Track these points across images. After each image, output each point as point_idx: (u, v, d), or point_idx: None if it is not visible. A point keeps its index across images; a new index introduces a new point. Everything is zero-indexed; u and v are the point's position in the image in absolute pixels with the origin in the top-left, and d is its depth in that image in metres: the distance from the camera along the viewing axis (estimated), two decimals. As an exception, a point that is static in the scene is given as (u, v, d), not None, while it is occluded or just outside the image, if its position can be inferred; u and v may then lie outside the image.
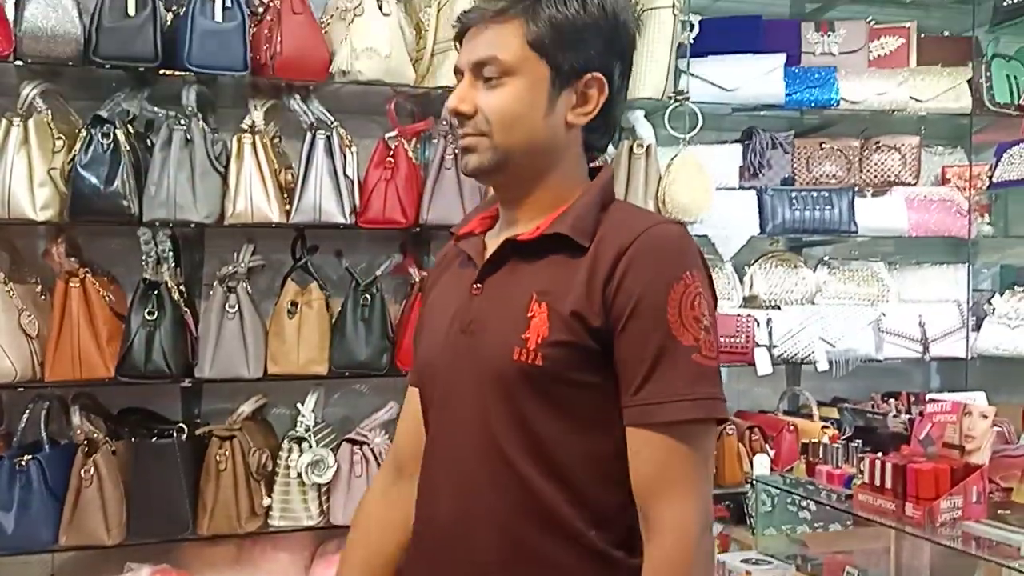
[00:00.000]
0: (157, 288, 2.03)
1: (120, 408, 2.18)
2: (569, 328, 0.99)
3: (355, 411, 2.40)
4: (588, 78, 1.05)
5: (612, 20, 1.06)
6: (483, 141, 1.05)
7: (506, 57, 1.03)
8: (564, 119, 1.06)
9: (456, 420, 1.05)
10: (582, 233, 1.02)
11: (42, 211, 1.94)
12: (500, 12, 1.03)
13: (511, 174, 1.07)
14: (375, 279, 2.20)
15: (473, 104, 1.04)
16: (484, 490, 1.02)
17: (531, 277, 1.03)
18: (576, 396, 1.00)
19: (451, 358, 1.06)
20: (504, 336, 1.01)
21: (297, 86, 2.13)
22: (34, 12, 1.91)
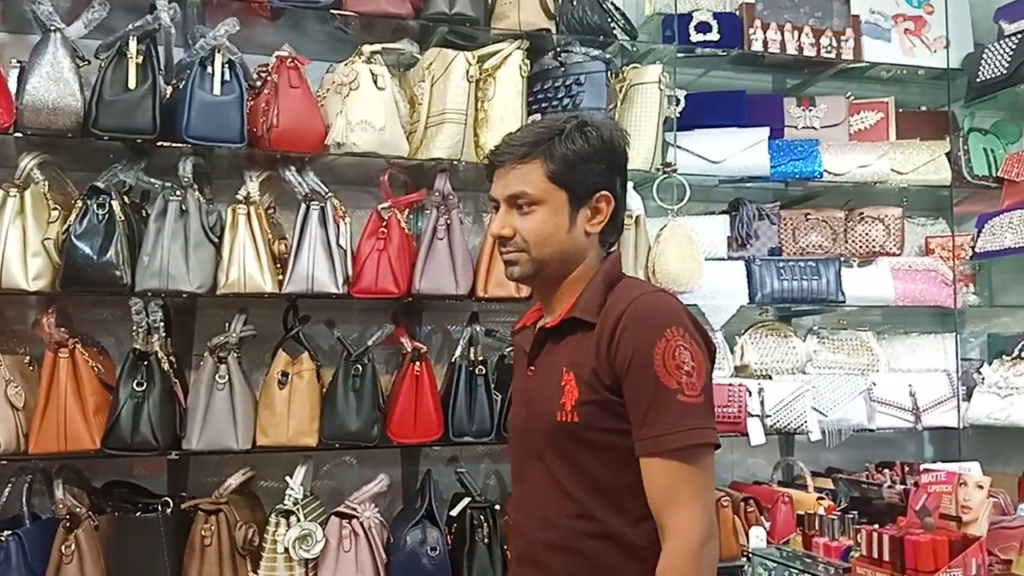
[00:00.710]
0: (147, 359, 2.03)
1: (105, 481, 2.15)
2: (592, 388, 1.29)
3: (345, 483, 2.38)
4: (598, 196, 1.36)
5: (608, 145, 1.37)
6: (523, 256, 1.36)
7: (533, 191, 1.34)
8: (583, 230, 1.37)
9: (529, 469, 1.38)
10: (589, 312, 1.33)
11: (34, 281, 1.95)
12: (524, 155, 1.34)
13: (546, 277, 1.39)
14: (367, 349, 2.21)
15: (512, 228, 1.36)
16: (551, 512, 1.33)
17: (561, 354, 1.35)
18: (609, 439, 1.29)
19: (520, 425, 1.42)
20: (549, 403, 1.33)
21: (292, 158, 2.18)
22: (36, 85, 1.95)
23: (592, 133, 1.35)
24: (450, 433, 2.24)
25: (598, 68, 2.40)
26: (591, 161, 1.34)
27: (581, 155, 1.33)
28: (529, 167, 1.34)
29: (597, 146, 1.35)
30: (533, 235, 1.34)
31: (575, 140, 1.34)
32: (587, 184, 1.34)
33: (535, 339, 1.40)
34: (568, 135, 1.34)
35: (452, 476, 2.36)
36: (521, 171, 1.34)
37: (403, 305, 2.33)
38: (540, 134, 1.35)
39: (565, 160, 1.33)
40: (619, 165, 1.40)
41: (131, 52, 2.02)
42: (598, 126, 1.37)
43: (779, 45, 2.67)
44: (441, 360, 2.50)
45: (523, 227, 1.34)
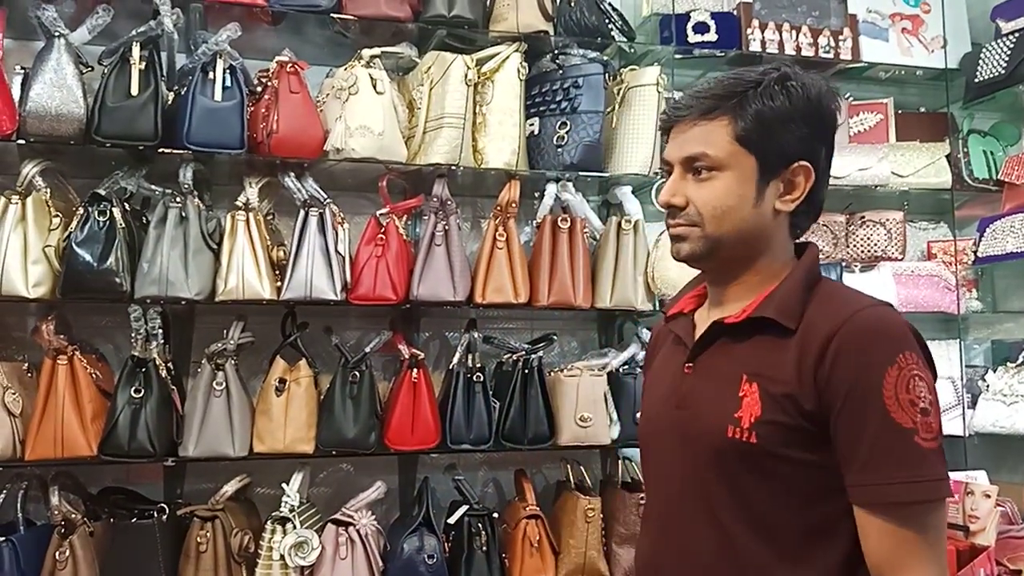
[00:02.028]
0: (145, 366, 2.06)
1: (101, 487, 2.18)
2: (782, 409, 1.07)
3: (342, 491, 2.41)
4: (795, 166, 1.14)
5: (816, 107, 1.14)
6: (694, 231, 1.15)
7: (716, 153, 1.12)
8: (772, 207, 1.15)
9: (673, 488, 1.16)
10: (788, 316, 1.11)
11: (34, 288, 1.98)
12: (708, 111, 1.13)
13: (721, 260, 1.16)
14: (364, 356, 2.24)
15: (684, 197, 1.15)
16: (703, 555, 1.12)
17: (740, 358, 1.13)
18: (792, 472, 1.08)
19: (667, 430, 1.19)
20: (717, 414, 1.11)
21: (292, 164, 2.22)
22: (39, 92, 1.98)
23: (796, 89, 1.12)
24: (448, 440, 2.27)
25: (596, 71, 2.43)
26: (791, 123, 1.12)
27: (780, 114, 1.11)
28: (714, 124, 1.12)
29: (801, 106, 1.12)
30: (710, 206, 1.13)
31: (774, 96, 1.11)
32: (783, 151, 1.12)
33: (705, 333, 1.17)
34: (766, 89, 1.12)
35: (450, 484, 2.39)
36: (703, 129, 1.13)
37: (401, 312, 2.36)
38: (731, 86, 1.13)
39: (759, 118, 1.11)
40: (826, 131, 1.16)
41: (134, 58, 2.06)
42: (804, 82, 1.13)
43: (777, 45, 2.70)
44: (439, 367, 2.53)
45: (698, 196, 1.13)
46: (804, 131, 1.13)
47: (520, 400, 2.33)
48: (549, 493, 2.56)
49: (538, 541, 2.27)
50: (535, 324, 2.63)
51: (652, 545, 1.22)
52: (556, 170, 2.41)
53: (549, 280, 2.37)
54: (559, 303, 2.37)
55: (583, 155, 2.39)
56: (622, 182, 2.52)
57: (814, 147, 1.15)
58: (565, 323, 2.66)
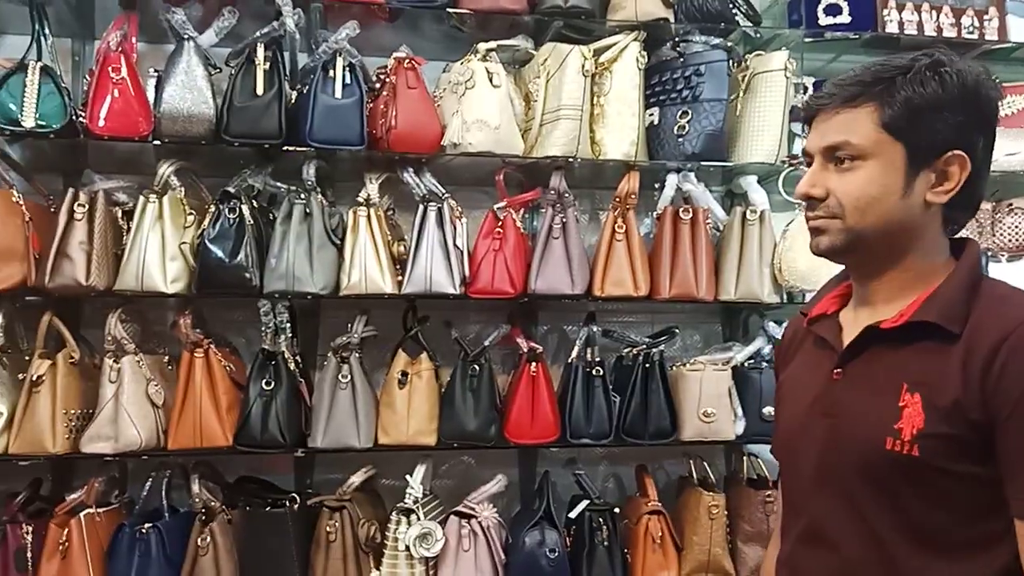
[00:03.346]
0: (274, 359, 2.10)
1: (236, 476, 2.24)
2: (947, 420, 1.00)
3: (463, 483, 2.40)
4: (948, 156, 1.06)
5: (973, 94, 1.07)
6: (835, 223, 1.08)
7: (859, 141, 1.06)
8: (923, 199, 1.07)
9: (821, 499, 1.10)
10: (952, 320, 1.03)
11: (172, 284, 2.05)
12: (852, 97, 1.07)
13: (865, 254, 1.10)
14: (483, 350, 2.21)
15: (824, 188, 1.08)
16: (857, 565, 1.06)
17: (899, 365, 1.06)
18: (955, 486, 1.02)
19: (813, 439, 1.11)
20: (874, 425, 1.05)
21: (410, 159, 2.20)
22: (172, 94, 2.04)
23: (950, 76, 1.04)
24: (567, 434, 2.22)
25: (719, 57, 2.31)
26: (944, 110, 1.04)
27: (931, 101, 1.04)
28: (858, 112, 1.06)
29: (956, 93, 1.04)
30: (852, 197, 1.06)
31: (925, 82, 1.04)
32: (935, 139, 1.05)
33: (859, 338, 1.09)
34: (916, 75, 1.04)
35: (569, 478, 2.35)
36: (847, 117, 1.06)
37: (519, 305, 2.32)
38: (878, 72, 1.06)
39: (909, 105, 1.04)
40: (984, 120, 1.08)
41: (259, 59, 2.09)
42: (959, 69, 1.05)
43: (916, 26, 2.50)
44: (558, 360, 2.48)
45: (839, 187, 1.06)
46: (959, 119, 1.05)
47: (641, 394, 2.25)
48: (671, 489, 2.47)
49: (660, 537, 2.20)
50: (656, 317, 2.55)
51: (797, 557, 1.15)
52: (677, 160, 2.31)
53: (670, 272, 2.28)
54: (681, 296, 2.27)
55: (705, 144, 2.29)
56: (747, 171, 2.39)
57: (970, 137, 1.07)
58: (687, 316, 2.56)
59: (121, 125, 2.03)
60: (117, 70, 2.04)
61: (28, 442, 1.97)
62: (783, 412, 1.23)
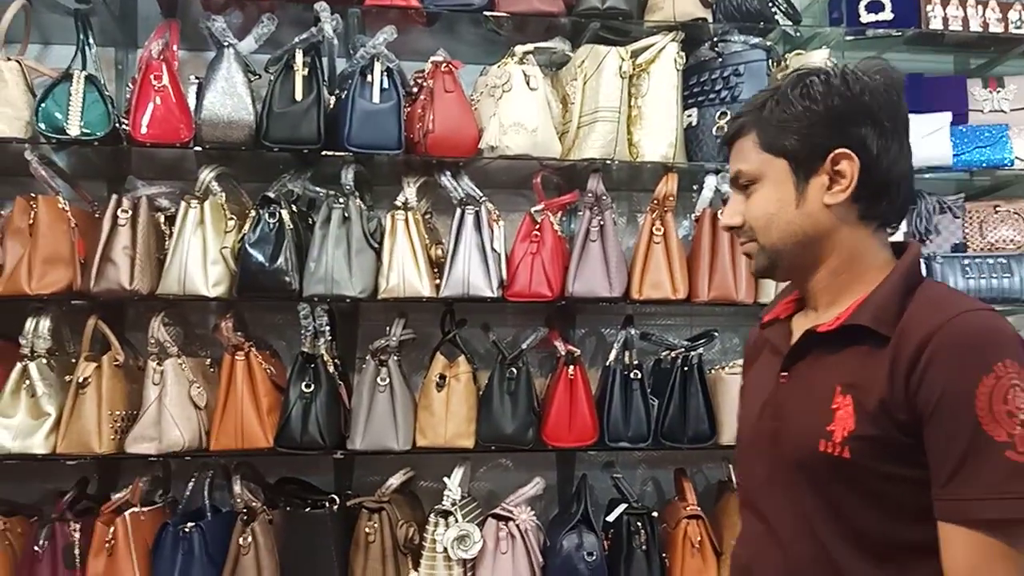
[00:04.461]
0: (314, 361, 2.07)
1: (277, 477, 2.21)
2: (875, 422, 0.98)
3: (501, 486, 2.35)
4: (833, 155, 1.06)
5: (848, 92, 1.06)
6: (754, 246, 1.13)
7: (748, 167, 1.11)
8: (820, 203, 1.07)
9: (771, 500, 1.10)
10: (884, 323, 1.02)
11: (214, 288, 2.02)
12: (739, 129, 1.13)
13: (789, 268, 1.13)
14: (521, 352, 2.16)
15: (740, 216, 1.13)
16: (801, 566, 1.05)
17: (834, 368, 1.05)
18: (889, 487, 0.99)
19: (763, 441, 1.12)
20: (809, 427, 1.04)
21: (448, 163, 2.16)
22: (212, 100, 2.02)
23: (816, 83, 1.05)
24: (606, 438, 2.16)
25: (758, 57, 2.23)
26: (815, 118, 1.05)
27: (799, 113, 1.06)
28: (745, 141, 1.11)
29: (822, 97, 1.05)
30: (755, 218, 1.10)
31: (790, 99, 1.06)
32: (815, 145, 1.05)
33: (799, 342, 1.10)
34: (783, 93, 1.07)
35: (607, 481, 2.28)
36: (738, 147, 1.12)
37: (556, 308, 2.26)
38: (755, 101, 1.11)
39: (779, 123, 1.07)
40: (864, 112, 1.05)
41: (297, 65, 2.06)
42: (827, 72, 1.06)
43: (961, 22, 2.39)
44: (595, 363, 2.42)
45: (748, 212, 1.11)
46: (833, 120, 1.05)
47: (680, 398, 2.18)
48: (710, 493, 2.40)
49: (699, 542, 2.13)
50: (694, 320, 2.47)
51: (749, 556, 1.15)
52: (716, 162, 2.23)
53: (709, 275, 2.20)
54: (720, 298, 2.20)
55: (744, 144, 2.20)
56: (785, 170, 2.30)
57: (853, 131, 1.05)
58: (726, 319, 2.47)
59: (163, 132, 2.01)
60: (159, 78, 2.03)
61: (75, 442, 1.97)
62: (740, 417, 1.24)
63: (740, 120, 1.12)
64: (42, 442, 1.96)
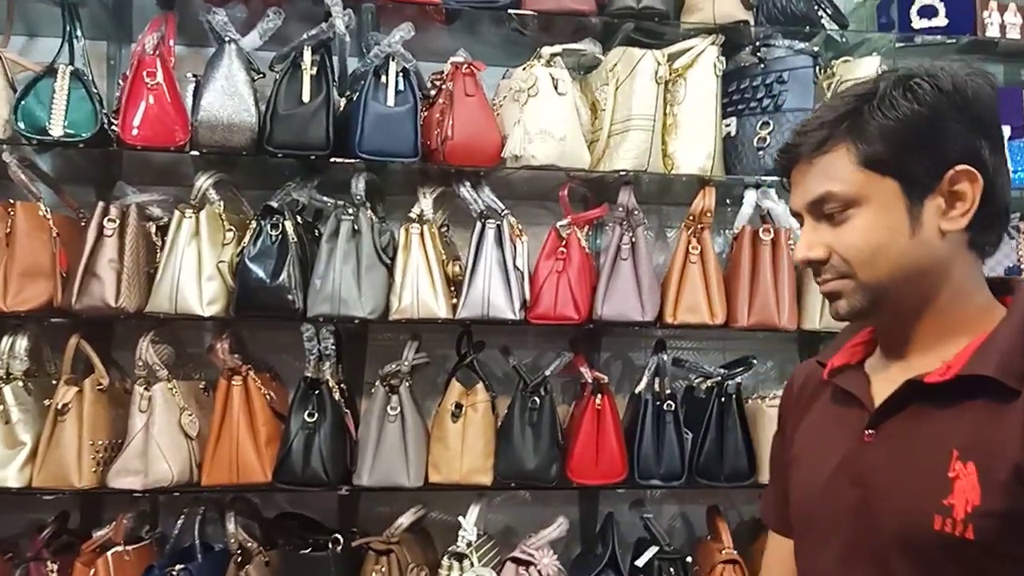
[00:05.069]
0: (318, 388, 1.85)
1: (276, 512, 1.99)
2: (1009, 494, 0.81)
3: (519, 521, 2.15)
4: (952, 174, 0.89)
5: (959, 98, 0.89)
6: (848, 284, 0.92)
7: (842, 188, 0.90)
8: (937, 229, 0.89)
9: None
10: (1013, 373, 0.84)
11: (209, 306, 1.81)
12: (821, 143, 0.92)
13: (892, 310, 0.92)
14: (544, 379, 1.94)
15: (824, 247, 0.92)
16: None
17: (947, 427, 0.86)
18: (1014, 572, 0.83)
19: (840, 510, 0.93)
20: (918, 499, 0.85)
21: (467, 172, 1.94)
22: (211, 100, 1.81)
23: (923, 86, 0.88)
24: (635, 474, 1.94)
25: (804, 63, 2.02)
26: (929, 126, 0.88)
27: (910, 121, 0.87)
28: (833, 156, 0.90)
29: (934, 101, 0.87)
30: (855, 251, 0.90)
31: (896, 103, 0.88)
32: (928, 161, 0.88)
33: (897, 393, 0.90)
34: (885, 98, 0.89)
35: (633, 516, 2.07)
36: (822, 165, 0.91)
37: (583, 331, 2.05)
38: (841, 106, 0.91)
39: (884, 135, 0.88)
40: (980, 122, 0.90)
41: (305, 63, 1.85)
42: (933, 75, 0.89)
43: (1019, 29, 2.19)
44: (621, 389, 2.20)
45: (839, 243, 0.91)
46: (950, 130, 0.88)
47: (716, 431, 1.97)
48: (744, 531, 2.17)
49: (735, 588, 1.91)
50: (727, 344, 2.25)
51: None
52: (756, 175, 2.02)
53: (749, 298, 1.99)
54: (761, 324, 1.98)
55: (787, 157, 2.00)
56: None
57: (971, 144, 0.89)
58: (760, 344, 2.26)
59: (156, 134, 1.80)
60: (152, 75, 1.82)
61: (52, 475, 1.75)
62: (800, 474, 1.03)
63: (824, 131, 0.91)
64: (16, 474, 1.74)
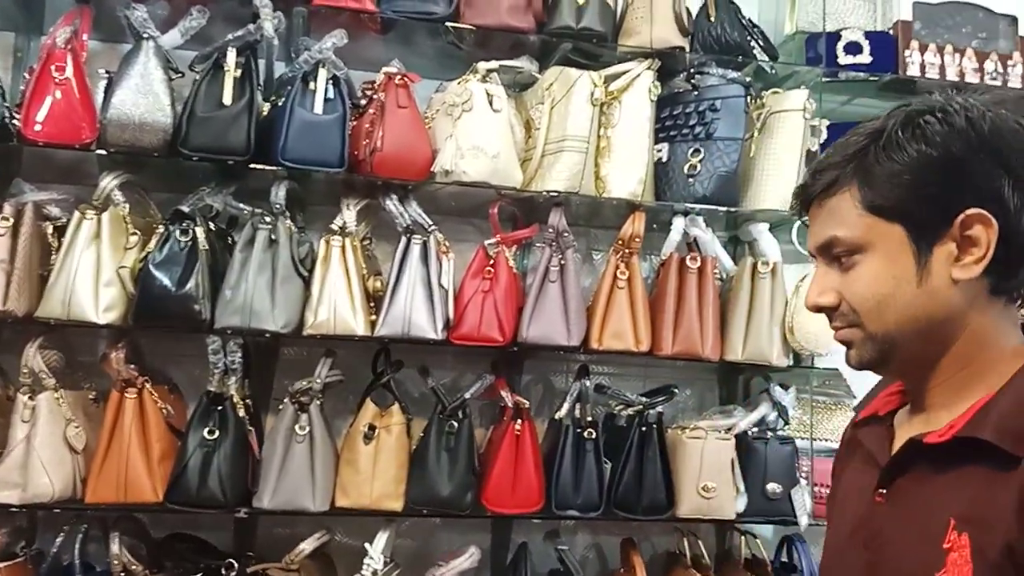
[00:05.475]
0: (221, 404, 1.72)
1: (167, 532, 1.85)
2: (999, 572, 0.73)
3: (428, 547, 2.05)
4: (963, 219, 0.82)
5: (973, 135, 0.82)
6: (857, 333, 0.87)
7: (846, 233, 0.86)
8: (948, 278, 0.83)
9: None
10: (1011, 438, 0.76)
11: (105, 313, 1.67)
12: (829, 185, 0.87)
13: (905, 361, 0.87)
14: (463, 402, 1.86)
15: (835, 293, 0.88)
16: None
17: (947, 494, 0.79)
18: None
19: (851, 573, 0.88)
20: (912, 570, 0.80)
21: (395, 185, 1.86)
22: (123, 98, 1.68)
23: (932, 124, 0.82)
24: (552, 505, 1.87)
25: (736, 92, 2.01)
26: (937, 168, 0.82)
27: (917, 164, 0.82)
28: (839, 200, 0.86)
29: (944, 140, 0.81)
30: (861, 299, 0.85)
31: (903, 144, 0.82)
32: (939, 204, 0.82)
33: (900, 453, 0.86)
34: (891, 138, 0.83)
35: (547, 548, 1.99)
36: (830, 207, 0.87)
37: (505, 353, 1.97)
38: (849, 146, 0.86)
39: (889, 177, 0.83)
40: (1000, 161, 0.82)
41: (229, 65, 1.74)
42: (944, 111, 0.82)
43: (938, 69, 2.22)
44: (540, 414, 2.13)
45: (847, 290, 0.86)
46: (963, 172, 0.82)
47: (636, 462, 1.91)
48: (656, 564, 2.12)
49: (647, 625, 1.85)
50: (648, 371, 2.21)
51: None
52: (686, 202, 1.99)
53: (674, 326, 1.95)
54: (684, 353, 1.94)
55: (717, 186, 1.97)
56: (757, 218, 2.08)
57: (987, 186, 0.82)
58: (680, 372, 2.22)
59: (60, 131, 1.67)
60: (62, 69, 1.69)
61: (-79, 488, 1.58)
62: (828, 539, 1.00)
63: (832, 173, 0.86)
64: None
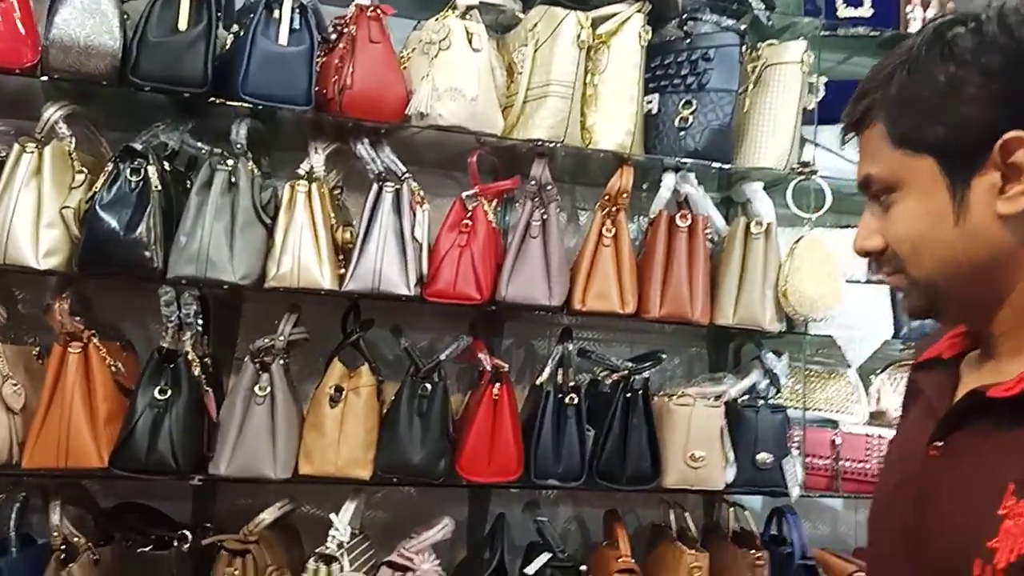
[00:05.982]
0: (174, 361, 1.56)
1: (116, 502, 1.69)
2: None
3: (400, 517, 1.90)
4: (1003, 143, 0.70)
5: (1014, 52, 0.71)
6: (902, 279, 0.78)
7: (878, 171, 0.77)
8: (992, 213, 0.72)
9: None
10: None
11: (45, 258, 1.50)
12: (861, 117, 0.78)
13: (958, 308, 0.78)
14: (438, 364, 1.71)
15: (880, 237, 0.79)
16: None
17: (1009, 455, 0.68)
18: None
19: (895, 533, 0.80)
20: (962, 535, 0.69)
21: (367, 128, 1.70)
22: (67, 18, 1.50)
23: (963, 37, 0.72)
24: (532, 473, 1.73)
25: (731, 41, 1.86)
26: (967, 88, 0.70)
27: (945, 85, 0.72)
28: (869, 133, 0.77)
29: (975, 56, 0.71)
30: (899, 242, 0.76)
31: (929, 65, 0.72)
32: (972, 129, 0.71)
33: (960, 404, 0.76)
34: (915, 58, 0.73)
35: (525, 520, 1.87)
36: (863, 141, 0.79)
37: (484, 313, 1.83)
38: (877, 72, 0.77)
39: (915, 104, 0.73)
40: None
41: (185, -15, 1.57)
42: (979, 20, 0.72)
43: (940, 27, 2.10)
44: (521, 380, 2.00)
45: (888, 232, 0.78)
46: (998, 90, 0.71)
47: (620, 429, 1.78)
48: (641, 536, 2.01)
49: (631, 600, 1.73)
50: (635, 337, 2.08)
51: None
52: (676, 156, 1.85)
53: (662, 288, 1.81)
54: (672, 316, 1.81)
55: (710, 141, 1.84)
56: (751, 177, 1.95)
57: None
58: (667, 337, 2.10)
59: (-2, 53, 1.49)
60: (-1, -17, 1.50)
61: None
62: (878, 485, 0.90)
63: (863, 102, 0.77)
64: None
